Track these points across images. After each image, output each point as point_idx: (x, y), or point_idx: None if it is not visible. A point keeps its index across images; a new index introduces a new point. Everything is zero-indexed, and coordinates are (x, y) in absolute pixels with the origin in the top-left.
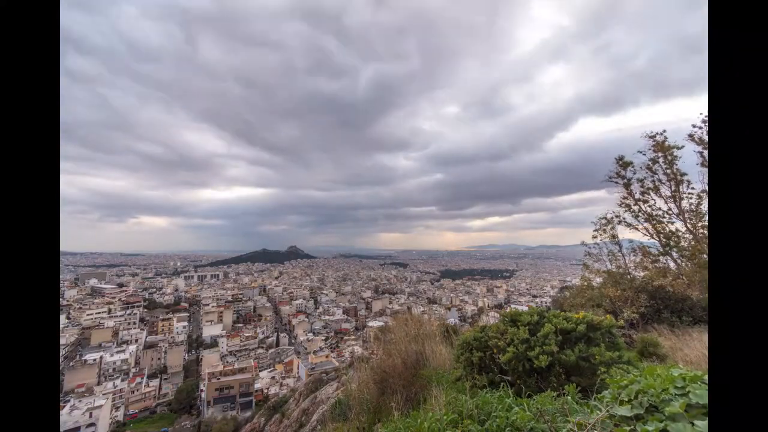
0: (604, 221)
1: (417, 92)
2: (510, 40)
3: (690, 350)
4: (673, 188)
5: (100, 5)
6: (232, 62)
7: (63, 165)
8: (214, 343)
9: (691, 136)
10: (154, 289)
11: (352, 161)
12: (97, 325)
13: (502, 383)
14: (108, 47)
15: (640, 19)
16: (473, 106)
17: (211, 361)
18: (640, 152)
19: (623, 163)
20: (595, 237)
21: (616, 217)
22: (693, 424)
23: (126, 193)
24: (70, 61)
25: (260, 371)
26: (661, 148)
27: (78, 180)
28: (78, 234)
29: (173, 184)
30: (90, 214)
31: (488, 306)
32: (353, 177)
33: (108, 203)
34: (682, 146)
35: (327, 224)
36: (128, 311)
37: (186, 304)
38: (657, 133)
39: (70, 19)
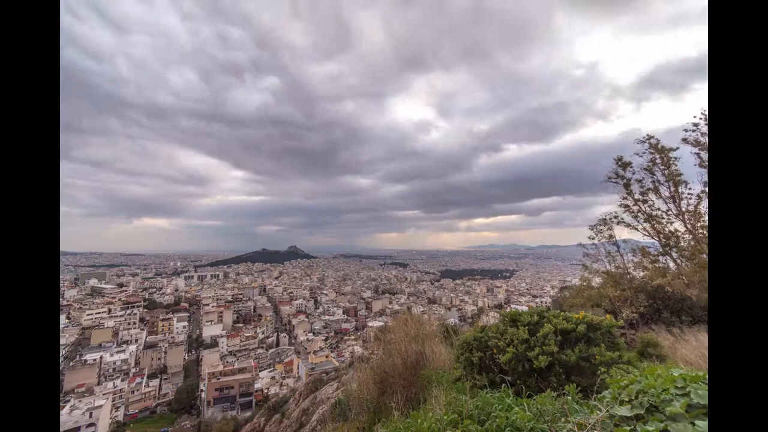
0: (601, 222)
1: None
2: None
3: (689, 350)
4: (672, 189)
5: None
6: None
7: (101, 175)
8: (214, 343)
9: (685, 140)
10: (154, 289)
11: (326, 181)
12: (97, 325)
13: (502, 383)
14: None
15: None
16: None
17: (211, 361)
18: (637, 154)
19: (622, 163)
20: (592, 238)
21: (615, 217)
22: (693, 424)
23: (137, 198)
24: (105, 120)
25: (260, 371)
26: (657, 150)
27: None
28: (84, 233)
29: (180, 195)
30: (102, 216)
31: (488, 306)
32: (332, 189)
33: (120, 206)
34: (677, 148)
35: (317, 226)
36: (128, 311)
37: (186, 304)
38: (651, 136)
39: (85, 67)
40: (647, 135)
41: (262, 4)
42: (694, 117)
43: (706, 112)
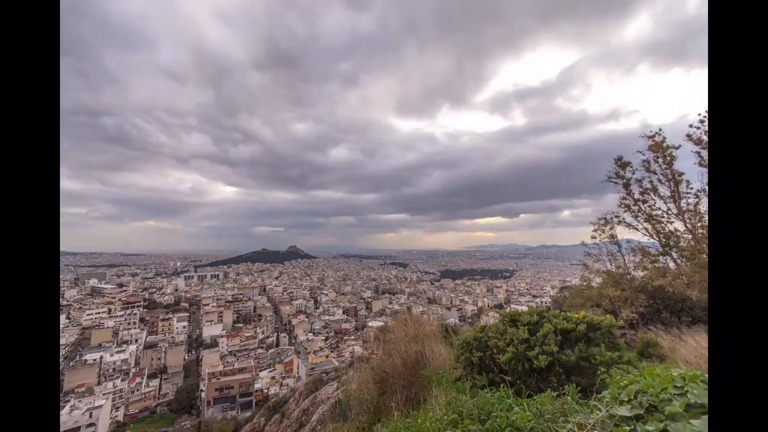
0: (602, 221)
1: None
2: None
3: (689, 350)
4: (672, 188)
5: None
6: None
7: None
8: (214, 343)
9: (689, 136)
10: (154, 289)
11: (305, 192)
12: (97, 325)
13: (502, 383)
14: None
15: None
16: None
17: (211, 361)
18: (639, 152)
19: (622, 163)
20: (594, 237)
21: (616, 217)
22: (692, 424)
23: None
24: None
25: (260, 371)
26: (659, 148)
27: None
28: (86, 233)
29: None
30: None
31: (488, 306)
32: (310, 201)
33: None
34: (679, 146)
35: (311, 227)
36: (128, 311)
37: (186, 304)
38: (655, 133)
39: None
40: (651, 131)
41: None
42: (699, 114)
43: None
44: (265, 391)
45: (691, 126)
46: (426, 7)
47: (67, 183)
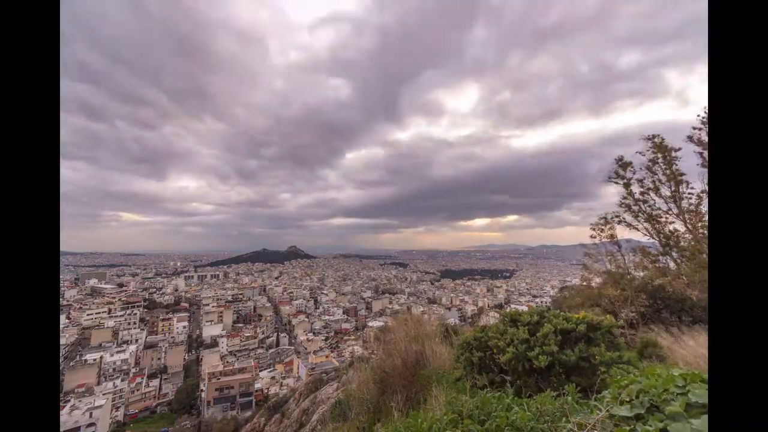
0: (602, 221)
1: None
2: None
3: (689, 350)
4: (673, 188)
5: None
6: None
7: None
8: (214, 343)
9: (690, 137)
10: (154, 289)
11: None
12: (97, 325)
13: (502, 383)
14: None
15: None
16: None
17: (211, 361)
18: (639, 153)
19: (623, 163)
20: (593, 237)
21: (616, 217)
22: (692, 424)
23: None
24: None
25: (260, 371)
26: (660, 148)
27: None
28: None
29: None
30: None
31: (488, 306)
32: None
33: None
34: (680, 148)
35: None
36: (128, 311)
37: (186, 304)
38: (655, 135)
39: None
40: (651, 134)
41: None
42: (698, 116)
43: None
44: (265, 391)
45: (693, 128)
46: None
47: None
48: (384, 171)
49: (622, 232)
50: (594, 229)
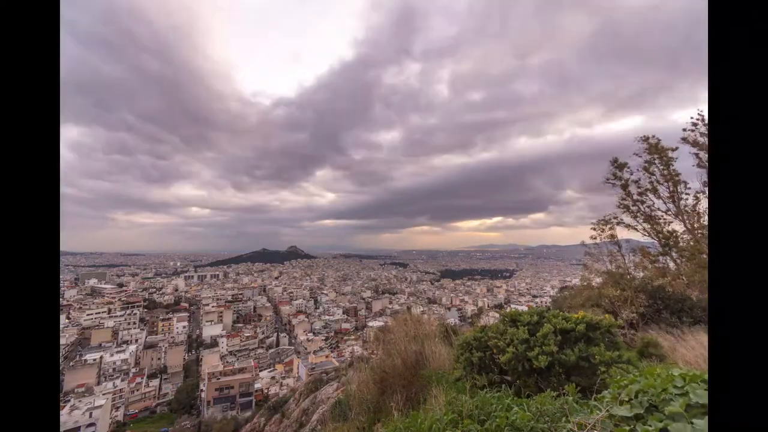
0: (602, 222)
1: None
2: None
3: (688, 351)
4: (671, 188)
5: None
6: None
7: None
8: (214, 343)
9: (684, 139)
10: (154, 289)
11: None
12: (97, 325)
13: (502, 383)
14: None
15: None
16: None
17: (211, 361)
18: (636, 154)
19: (618, 164)
20: (594, 237)
21: (615, 217)
22: (692, 424)
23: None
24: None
25: (260, 371)
26: (656, 150)
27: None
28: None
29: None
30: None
31: (488, 306)
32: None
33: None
34: (676, 148)
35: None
36: (128, 311)
37: (186, 304)
38: (650, 136)
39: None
40: (645, 135)
41: None
42: (692, 118)
43: (704, 113)
44: (265, 391)
45: (684, 130)
46: None
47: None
48: (349, 182)
49: (622, 233)
50: (595, 229)
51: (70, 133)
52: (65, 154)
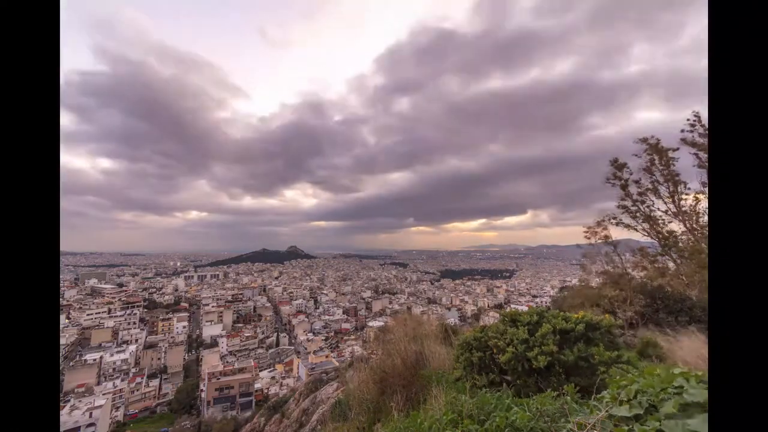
0: (596, 224)
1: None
2: None
3: (688, 350)
4: (671, 189)
5: None
6: None
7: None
8: (214, 343)
9: (684, 140)
10: (154, 289)
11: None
12: (97, 325)
13: (502, 383)
14: None
15: None
16: None
17: (211, 361)
18: (635, 155)
19: (618, 165)
20: (588, 238)
21: (613, 218)
22: (688, 423)
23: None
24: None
25: (260, 371)
26: (656, 150)
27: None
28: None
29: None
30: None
31: (488, 306)
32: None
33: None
34: (677, 148)
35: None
36: (128, 311)
37: (186, 304)
38: (649, 137)
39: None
40: (645, 136)
41: None
42: (688, 120)
43: (699, 114)
44: (265, 391)
45: (683, 131)
46: None
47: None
48: (326, 195)
49: (621, 233)
50: (587, 231)
51: (104, 164)
52: (97, 177)
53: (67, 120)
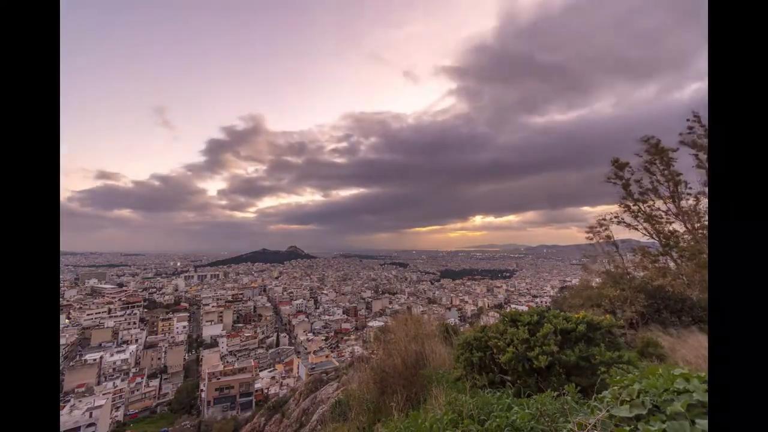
0: (597, 223)
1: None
2: None
3: (689, 350)
4: (671, 189)
5: None
6: None
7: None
8: (214, 343)
9: (682, 142)
10: (154, 289)
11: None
12: (97, 325)
13: (502, 383)
14: None
15: None
16: None
17: (211, 361)
18: (637, 155)
19: (619, 164)
20: (590, 238)
21: (615, 217)
22: (694, 423)
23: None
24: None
25: (260, 371)
26: (656, 150)
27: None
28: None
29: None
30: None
31: (488, 306)
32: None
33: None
34: (677, 149)
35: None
36: (128, 311)
37: (186, 304)
38: (650, 137)
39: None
40: (646, 136)
41: None
42: (688, 120)
43: (699, 115)
44: (265, 391)
45: (681, 134)
46: None
47: None
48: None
49: (622, 233)
50: (590, 231)
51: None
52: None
53: None
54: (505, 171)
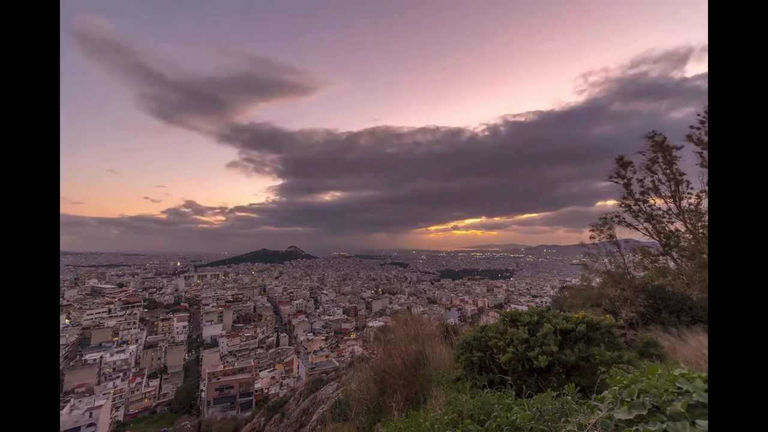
0: (601, 222)
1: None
2: None
3: (689, 350)
4: (672, 188)
5: None
6: None
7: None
8: (214, 343)
9: (689, 137)
10: (154, 289)
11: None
12: (97, 325)
13: (502, 383)
14: None
15: None
16: None
17: (211, 361)
18: (640, 153)
19: (623, 163)
20: (593, 237)
21: (616, 216)
22: (694, 424)
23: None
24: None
25: (260, 371)
26: (660, 148)
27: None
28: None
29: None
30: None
31: (488, 306)
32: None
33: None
34: (681, 146)
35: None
36: (128, 311)
37: (186, 304)
38: (656, 134)
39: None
40: (651, 132)
41: None
42: (699, 115)
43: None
44: (265, 391)
45: (691, 127)
46: None
47: None
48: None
49: (622, 233)
50: (593, 230)
51: None
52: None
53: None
54: None
